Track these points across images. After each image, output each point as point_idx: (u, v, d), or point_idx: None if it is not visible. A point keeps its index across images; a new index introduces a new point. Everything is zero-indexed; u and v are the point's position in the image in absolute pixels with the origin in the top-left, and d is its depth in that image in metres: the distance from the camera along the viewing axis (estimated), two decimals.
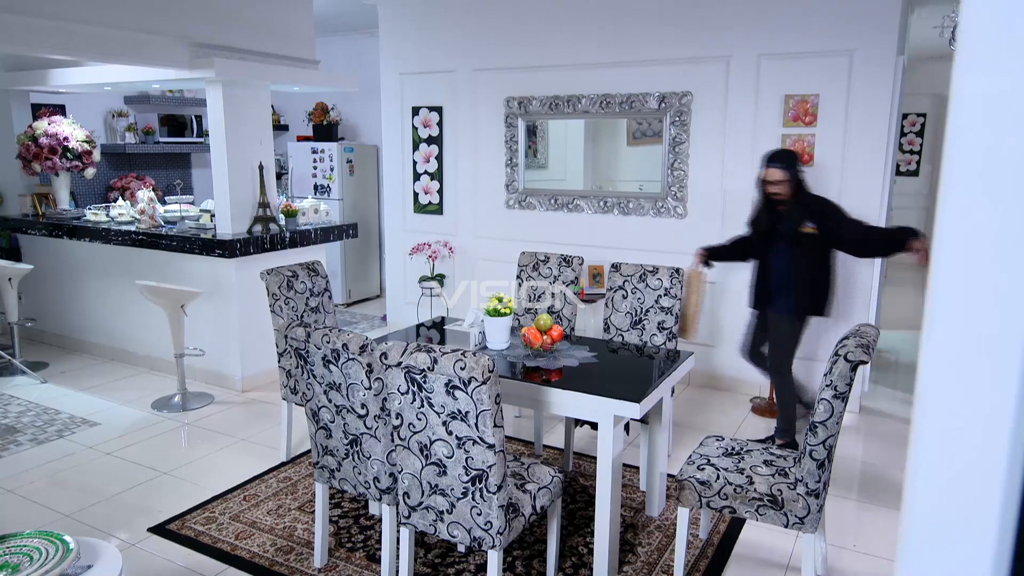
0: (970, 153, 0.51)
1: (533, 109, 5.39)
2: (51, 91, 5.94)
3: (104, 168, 6.96)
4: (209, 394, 4.83)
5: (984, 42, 0.49)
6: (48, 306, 5.97)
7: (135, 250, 5.18)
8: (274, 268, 3.74)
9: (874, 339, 2.49)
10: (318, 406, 2.71)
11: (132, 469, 3.77)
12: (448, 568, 2.88)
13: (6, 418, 4.44)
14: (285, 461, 3.85)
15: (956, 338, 0.53)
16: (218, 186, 4.92)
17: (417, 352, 2.26)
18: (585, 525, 3.20)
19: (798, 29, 4.45)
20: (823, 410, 2.40)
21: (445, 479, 2.36)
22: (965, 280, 0.52)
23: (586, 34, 5.13)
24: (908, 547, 0.56)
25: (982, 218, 0.51)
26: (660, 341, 3.75)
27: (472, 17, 5.58)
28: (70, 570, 1.96)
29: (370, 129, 7.79)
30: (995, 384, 0.51)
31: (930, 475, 0.55)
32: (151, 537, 3.12)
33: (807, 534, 2.51)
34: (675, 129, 4.90)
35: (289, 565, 2.90)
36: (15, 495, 3.48)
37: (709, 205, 4.89)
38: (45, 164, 5.53)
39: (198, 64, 4.55)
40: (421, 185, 6.07)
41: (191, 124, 7.45)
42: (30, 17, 3.83)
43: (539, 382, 2.85)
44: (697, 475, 2.66)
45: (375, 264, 7.83)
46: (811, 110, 4.48)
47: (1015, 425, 0.51)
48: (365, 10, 6.39)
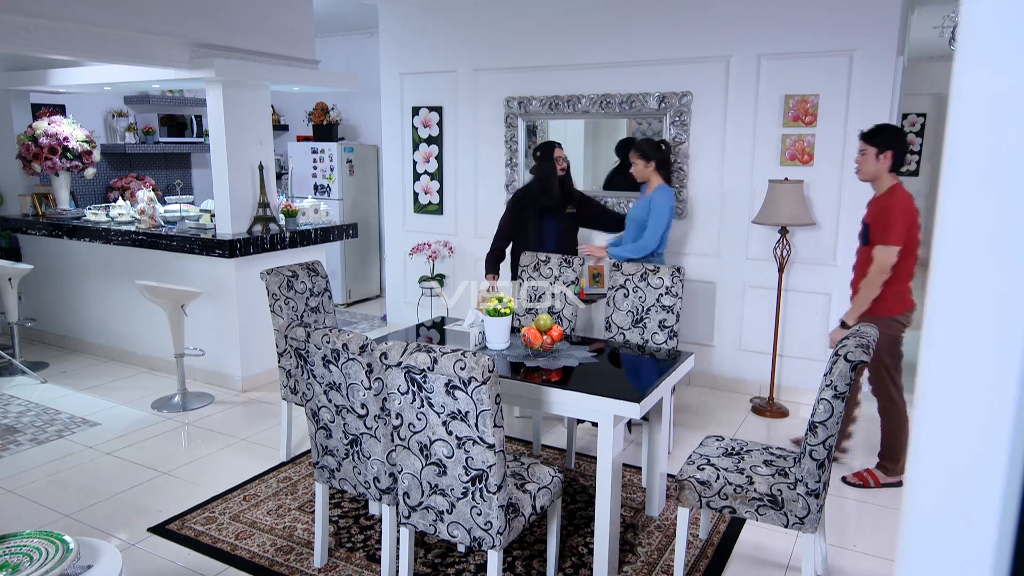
0: (970, 153, 0.51)
1: (533, 109, 5.39)
2: (51, 91, 5.94)
3: (104, 168, 6.96)
4: (209, 394, 4.84)
5: (984, 42, 0.49)
6: (48, 306, 5.97)
7: (135, 250, 5.18)
8: (274, 268, 3.74)
9: (874, 339, 2.49)
10: (318, 406, 2.71)
11: (132, 469, 3.77)
12: (448, 568, 2.88)
13: (6, 418, 4.44)
14: (285, 461, 3.85)
15: (956, 338, 0.53)
16: (218, 186, 4.92)
17: (417, 352, 2.26)
18: (585, 525, 3.20)
19: (798, 29, 4.45)
20: (823, 410, 2.40)
21: (445, 479, 2.36)
22: (965, 280, 0.52)
23: (586, 34, 5.13)
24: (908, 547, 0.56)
25: (982, 218, 0.51)
26: (661, 340, 3.75)
27: (472, 17, 5.58)
28: (70, 570, 1.96)
29: (370, 129, 7.79)
30: (995, 384, 0.51)
31: (930, 475, 0.55)
32: (151, 537, 3.12)
33: (807, 534, 2.51)
34: (675, 129, 4.90)
35: (289, 565, 2.90)
36: (15, 495, 3.48)
37: (709, 205, 4.89)
38: (45, 164, 5.53)
39: (198, 64, 4.55)
40: (421, 185, 6.07)
41: (191, 124, 7.45)
42: (30, 17, 3.83)
43: (539, 382, 2.85)
44: (697, 475, 2.66)
45: (375, 264, 7.83)
46: (811, 110, 4.48)
47: (1015, 425, 0.51)
48: (365, 10, 6.38)
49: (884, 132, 3.39)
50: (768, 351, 4.73)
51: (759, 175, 4.67)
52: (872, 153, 3.38)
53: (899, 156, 3.37)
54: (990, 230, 0.50)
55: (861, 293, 3.37)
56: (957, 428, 0.53)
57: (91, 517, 3.28)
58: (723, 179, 4.82)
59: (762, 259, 4.75)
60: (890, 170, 3.38)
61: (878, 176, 3.41)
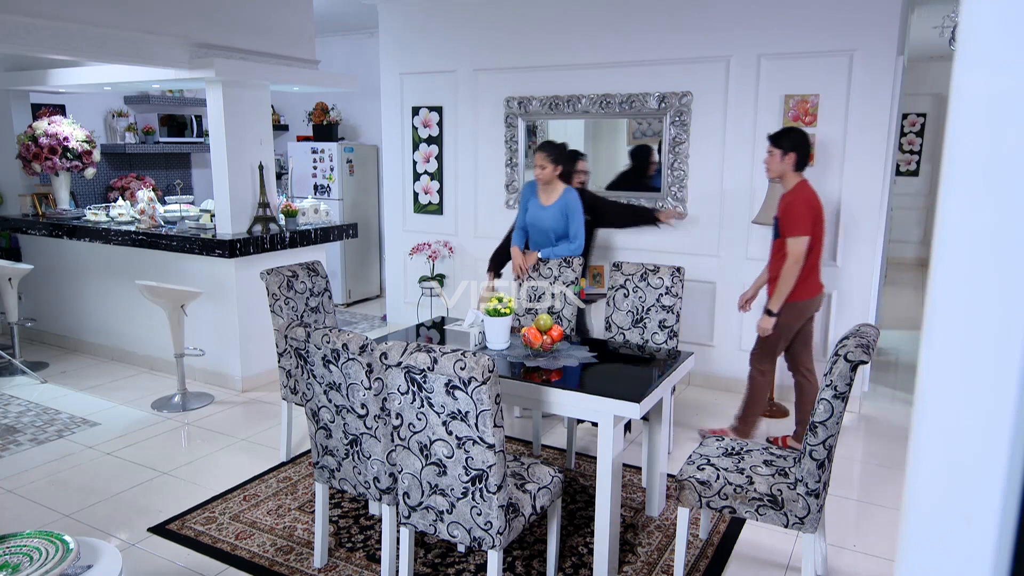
0: (970, 153, 0.51)
1: (533, 109, 5.39)
2: (51, 91, 5.94)
3: (104, 168, 6.96)
4: (209, 394, 4.84)
5: (984, 42, 0.49)
6: (48, 306, 5.97)
7: (135, 250, 5.18)
8: (274, 268, 3.74)
9: (874, 339, 2.49)
10: (318, 406, 2.71)
11: (132, 469, 3.77)
12: (448, 568, 2.88)
13: (6, 418, 4.44)
14: (285, 461, 3.85)
15: (956, 338, 0.53)
16: (218, 186, 4.92)
17: (417, 352, 2.26)
18: (585, 525, 3.20)
19: (798, 29, 4.45)
20: (823, 410, 2.40)
21: (445, 479, 2.36)
22: (965, 280, 0.52)
23: (586, 34, 5.13)
24: (908, 547, 0.56)
25: (982, 218, 0.51)
26: (661, 340, 3.76)
27: (472, 17, 5.58)
28: (70, 570, 1.96)
29: (370, 129, 7.79)
30: (995, 384, 0.51)
31: (930, 475, 0.55)
32: (151, 537, 3.12)
33: (807, 534, 2.51)
34: (675, 129, 4.90)
35: (289, 565, 2.90)
36: (15, 495, 3.48)
37: (709, 205, 4.89)
38: (45, 164, 5.53)
39: (198, 64, 4.55)
40: (421, 185, 6.07)
41: (191, 124, 7.45)
42: (30, 17, 3.83)
43: (539, 382, 2.85)
44: (697, 475, 2.66)
45: (375, 264, 7.83)
46: (811, 110, 4.48)
47: (1015, 425, 0.51)
48: (365, 10, 6.38)
49: (789, 135, 3.70)
50: None
51: (759, 175, 4.67)
52: (778, 154, 3.68)
53: (802, 157, 3.68)
54: (990, 230, 0.50)
55: (781, 282, 3.66)
56: (957, 428, 0.53)
57: (91, 517, 3.28)
58: (723, 179, 4.82)
59: (762, 259, 4.74)
60: (794, 169, 3.69)
61: (783, 175, 3.71)
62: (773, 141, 3.71)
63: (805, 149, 3.67)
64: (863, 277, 4.49)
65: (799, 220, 3.59)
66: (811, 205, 3.62)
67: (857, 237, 4.46)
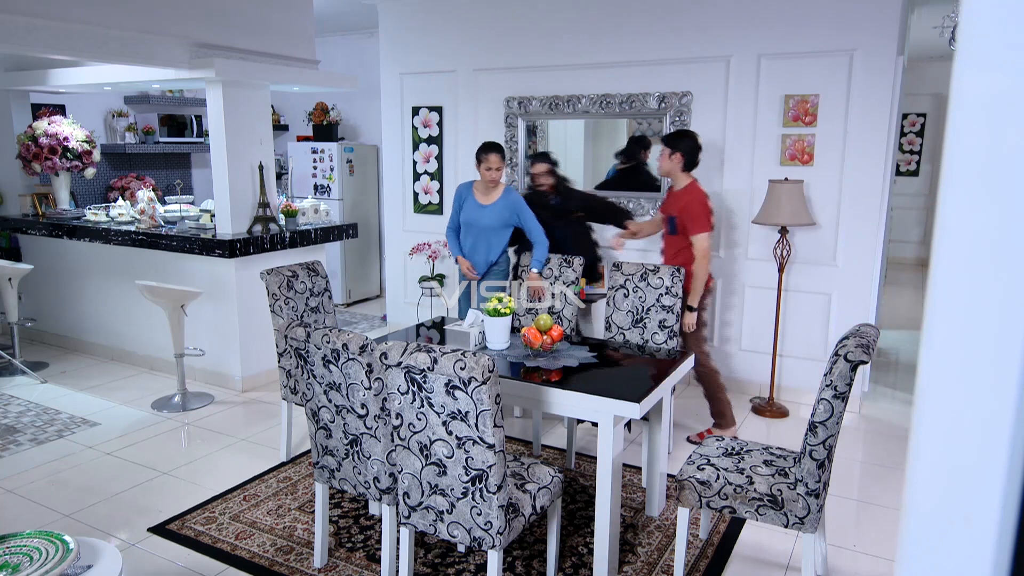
0: (970, 153, 0.51)
1: (533, 109, 5.39)
2: (51, 91, 5.94)
3: (104, 168, 6.96)
4: (209, 394, 4.83)
5: (984, 42, 0.49)
6: (48, 306, 5.97)
7: (135, 250, 5.18)
8: (274, 268, 3.74)
9: (874, 339, 2.49)
10: (318, 406, 2.71)
11: (132, 469, 3.77)
12: (448, 568, 2.88)
13: (6, 418, 4.44)
14: (285, 461, 3.85)
15: (956, 338, 0.53)
16: (218, 186, 4.92)
17: (417, 352, 2.26)
18: (585, 525, 3.20)
19: (798, 29, 4.45)
20: (823, 410, 2.40)
21: (445, 479, 2.36)
22: (965, 280, 0.52)
23: (586, 34, 5.13)
24: (908, 547, 0.56)
25: (982, 218, 0.51)
26: (661, 340, 3.76)
27: (472, 17, 5.58)
28: (70, 570, 1.96)
29: (370, 129, 7.78)
30: (995, 384, 0.51)
31: (930, 475, 0.55)
32: (151, 537, 3.12)
33: (807, 534, 2.51)
34: (675, 129, 4.89)
35: (289, 565, 2.90)
36: (15, 495, 3.48)
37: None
38: (45, 164, 5.53)
39: (198, 64, 4.55)
40: (421, 185, 6.07)
41: (191, 124, 7.45)
42: (30, 17, 3.83)
43: (539, 382, 2.85)
44: (697, 475, 2.66)
45: (375, 264, 7.83)
46: (811, 110, 4.48)
47: (1015, 425, 0.51)
48: (365, 10, 6.38)
49: (676, 136, 3.93)
50: (768, 351, 4.73)
51: (759, 175, 4.67)
52: (667, 153, 3.93)
53: (689, 158, 3.91)
54: (990, 230, 0.50)
55: (695, 279, 3.88)
56: (957, 428, 0.53)
57: (91, 517, 3.28)
58: (723, 179, 4.82)
59: (762, 259, 4.75)
60: (683, 170, 3.93)
61: (672, 173, 3.97)
62: (664, 141, 3.97)
63: (694, 152, 3.91)
64: (863, 277, 4.49)
65: (699, 218, 3.83)
66: (705, 203, 3.87)
67: (857, 237, 4.46)
